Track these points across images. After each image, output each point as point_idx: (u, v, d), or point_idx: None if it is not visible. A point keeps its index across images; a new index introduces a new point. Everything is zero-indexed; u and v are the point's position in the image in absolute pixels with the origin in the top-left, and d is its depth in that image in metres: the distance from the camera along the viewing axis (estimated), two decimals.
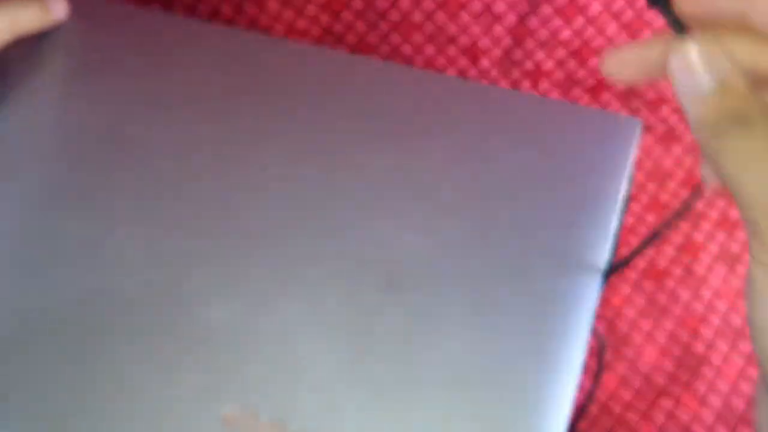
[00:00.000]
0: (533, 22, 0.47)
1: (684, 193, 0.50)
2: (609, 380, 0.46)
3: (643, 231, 0.49)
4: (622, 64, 0.24)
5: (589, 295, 0.29)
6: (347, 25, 0.48)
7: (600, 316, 0.47)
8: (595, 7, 0.46)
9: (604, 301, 0.46)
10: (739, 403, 0.47)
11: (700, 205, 0.50)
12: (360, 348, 0.28)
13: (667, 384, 0.45)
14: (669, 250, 0.48)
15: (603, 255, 0.29)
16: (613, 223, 0.29)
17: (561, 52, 0.48)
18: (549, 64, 0.49)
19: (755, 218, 0.18)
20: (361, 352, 0.28)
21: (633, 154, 0.30)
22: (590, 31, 0.47)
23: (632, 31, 0.47)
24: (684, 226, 0.50)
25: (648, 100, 0.50)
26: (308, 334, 0.28)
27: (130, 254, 0.31)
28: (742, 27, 0.21)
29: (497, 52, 0.49)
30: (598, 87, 0.50)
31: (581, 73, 0.49)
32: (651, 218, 0.50)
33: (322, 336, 0.28)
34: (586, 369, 0.42)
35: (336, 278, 0.30)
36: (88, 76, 0.35)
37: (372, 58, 0.33)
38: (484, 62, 0.49)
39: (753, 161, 0.18)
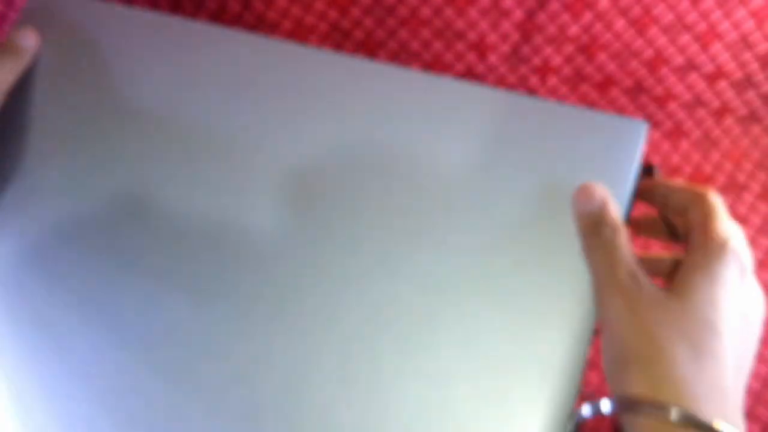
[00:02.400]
0: (541, 17, 0.47)
1: None
2: None
3: None
4: None
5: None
6: (355, 22, 0.48)
7: None
8: (603, 3, 0.46)
9: None
10: (746, 400, 0.47)
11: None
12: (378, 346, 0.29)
13: None
14: None
15: None
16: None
17: (569, 48, 0.48)
18: (557, 60, 0.49)
19: (597, 286, 0.28)
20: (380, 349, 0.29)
21: (640, 154, 0.30)
22: (598, 26, 0.47)
23: (640, 26, 0.47)
24: None
25: (656, 96, 0.50)
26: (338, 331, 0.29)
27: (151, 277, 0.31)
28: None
29: (505, 48, 0.49)
30: (606, 83, 0.50)
31: (589, 69, 0.49)
32: None
33: (350, 335, 0.29)
34: None
35: (349, 284, 0.30)
36: (71, 78, 0.35)
37: (379, 62, 0.33)
38: (492, 58, 0.49)
39: (598, 254, 0.29)
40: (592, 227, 0.29)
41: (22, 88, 0.34)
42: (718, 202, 0.29)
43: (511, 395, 0.28)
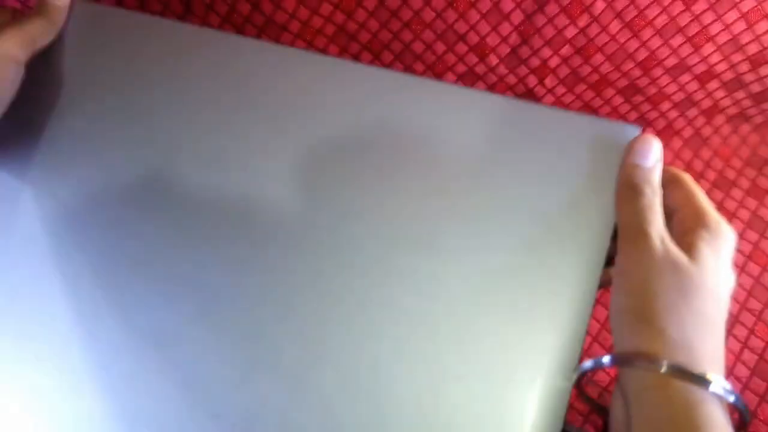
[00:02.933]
0: (539, 20, 0.48)
1: None
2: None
3: None
4: None
5: (591, 283, 0.31)
6: (360, 23, 0.49)
7: (600, 302, 0.49)
8: (599, 6, 0.47)
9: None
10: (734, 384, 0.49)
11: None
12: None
13: None
14: None
15: (601, 259, 0.31)
16: (611, 225, 0.31)
17: (566, 49, 0.50)
18: (555, 61, 0.50)
19: (624, 238, 0.30)
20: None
21: None
22: (594, 28, 0.49)
23: (635, 28, 0.48)
24: None
25: (649, 95, 0.51)
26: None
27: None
28: None
29: (505, 49, 0.50)
30: (602, 82, 0.51)
31: (586, 69, 0.50)
32: None
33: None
34: None
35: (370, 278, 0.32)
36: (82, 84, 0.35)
37: (382, 67, 0.33)
38: (492, 59, 0.50)
39: (633, 206, 0.30)
40: (637, 181, 0.30)
41: (41, 87, 0.35)
42: (694, 182, 0.31)
43: (509, 394, 0.30)
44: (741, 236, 0.51)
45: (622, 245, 0.30)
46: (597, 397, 0.33)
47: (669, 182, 0.31)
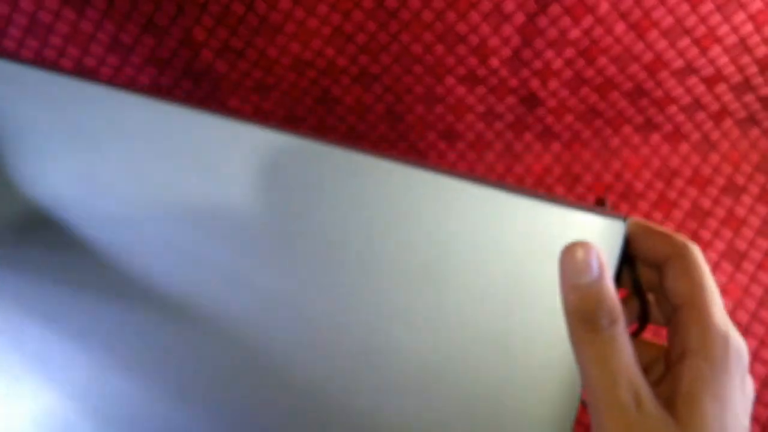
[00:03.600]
0: (542, 21, 0.47)
1: (692, 191, 0.50)
2: None
3: None
4: None
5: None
6: (358, 25, 0.48)
7: None
8: (604, 7, 0.47)
9: None
10: None
11: (706, 204, 0.50)
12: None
13: None
14: None
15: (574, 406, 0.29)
16: None
17: (570, 52, 0.49)
18: (558, 63, 0.49)
19: (593, 402, 0.23)
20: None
21: (619, 252, 0.28)
22: (599, 30, 0.48)
23: (640, 30, 0.47)
24: (692, 224, 0.50)
25: (655, 98, 0.50)
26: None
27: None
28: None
29: (507, 51, 0.49)
30: (607, 85, 0.50)
31: (590, 72, 0.49)
32: (658, 216, 0.50)
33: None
34: None
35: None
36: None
37: (355, 152, 0.31)
38: (494, 61, 0.49)
39: (594, 359, 0.23)
40: (586, 311, 0.23)
41: None
42: (703, 262, 0.25)
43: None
44: (751, 244, 0.50)
45: (591, 411, 0.23)
46: None
47: (672, 257, 0.25)
